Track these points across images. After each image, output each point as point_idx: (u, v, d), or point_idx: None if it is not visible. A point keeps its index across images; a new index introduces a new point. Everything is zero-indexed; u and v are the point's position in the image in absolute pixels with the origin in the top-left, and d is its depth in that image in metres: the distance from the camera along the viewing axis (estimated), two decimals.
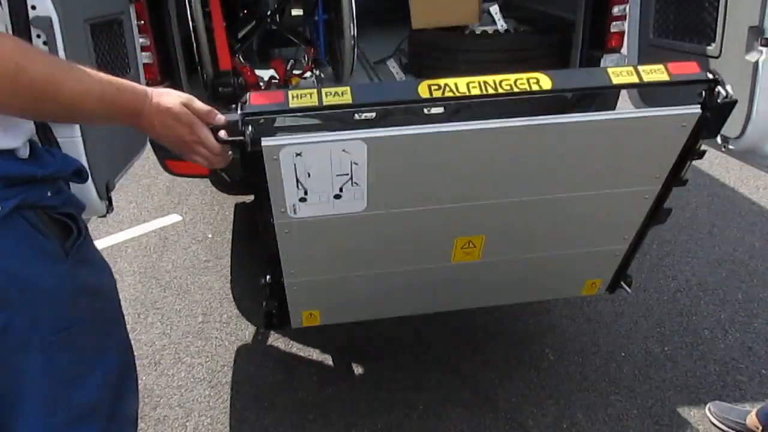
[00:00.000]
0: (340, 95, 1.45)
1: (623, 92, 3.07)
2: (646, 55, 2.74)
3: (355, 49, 3.18)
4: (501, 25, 3.31)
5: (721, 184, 4.21)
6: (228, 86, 3.01)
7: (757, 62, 2.12)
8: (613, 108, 3.21)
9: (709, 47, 2.35)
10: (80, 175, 1.30)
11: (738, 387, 2.49)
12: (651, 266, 3.30)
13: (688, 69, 1.64)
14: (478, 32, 3.30)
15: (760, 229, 3.64)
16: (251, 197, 4.01)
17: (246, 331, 2.89)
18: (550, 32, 3.36)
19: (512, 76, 1.53)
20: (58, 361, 1.24)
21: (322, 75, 3.57)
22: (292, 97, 1.42)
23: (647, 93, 2.82)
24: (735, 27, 2.21)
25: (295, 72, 3.50)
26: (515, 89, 1.53)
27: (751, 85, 2.14)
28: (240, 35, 3.61)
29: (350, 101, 1.46)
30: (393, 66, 3.50)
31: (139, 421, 1.51)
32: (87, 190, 2.01)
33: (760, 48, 2.11)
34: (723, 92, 1.63)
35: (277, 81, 3.42)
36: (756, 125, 2.20)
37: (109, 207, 1.95)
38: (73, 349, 1.27)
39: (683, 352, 2.67)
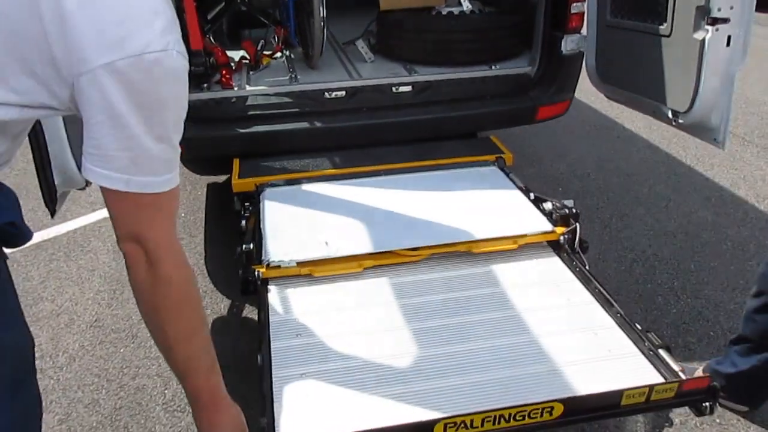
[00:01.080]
0: None
1: (583, 73, 3.21)
2: (603, 35, 2.87)
3: (325, 30, 3.25)
4: (467, 6, 3.40)
5: (679, 162, 4.39)
6: (200, 65, 3.06)
7: (703, 40, 2.26)
8: (573, 91, 3.34)
9: (661, 26, 2.49)
10: (13, 225, 1.21)
11: (688, 347, 2.66)
12: (610, 239, 3.45)
13: (700, 384, 1.62)
14: (444, 13, 3.39)
15: (713, 203, 3.82)
16: (223, 177, 4.08)
17: (222, 304, 2.97)
18: (514, 13, 3.48)
19: (528, 407, 1.52)
20: None
21: (292, 55, 3.64)
22: None
23: (604, 72, 2.96)
24: (684, 7, 2.34)
25: (266, 52, 3.56)
26: (527, 420, 1.52)
27: (698, 61, 2.28)
28: (210, 16, 3.65)
29: None
30: (362, 47, 3.58)
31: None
32: (68, 163, 2.09)
33: (707, 27, 2.25)
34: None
35: (248, 61, 3.48)
36: (703, 100, 2.34)
37: (88, 180, 2.03)
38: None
39: (638, 317, 2.79)
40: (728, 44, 2.23)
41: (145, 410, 2.40)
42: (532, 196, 2.58)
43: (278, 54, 3.64)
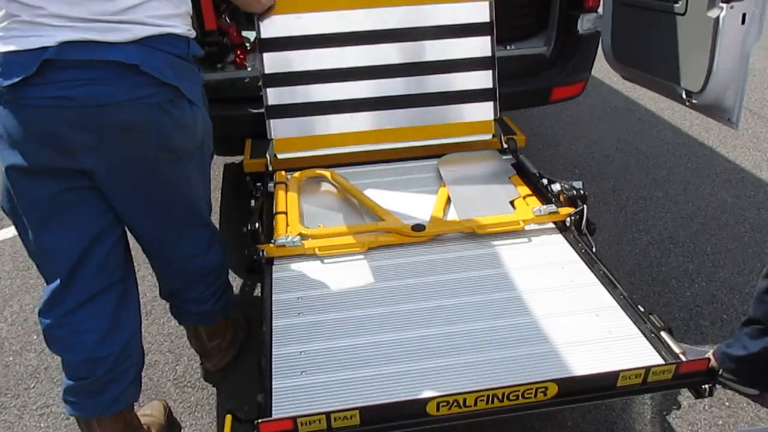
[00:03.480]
0: (348, 419, 1.47)
1: (599, 55, 3.16)
2: (618, 13, 2.82)
3: None
4: None
5: (700, 144, 4.31)
6: (213, 45, 3.08)
7: (717, 18, 2.21)
8: (588, 72, 3.29)
9: (676, 5, 2.44)
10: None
11: (700, 330, 2.63)
12: (626, 221, 3.41)
13: (698, 366, 1.58)
14: None
15: (733, 186, 3.75)
16: (240, 158, 4.10)
17: (233, 283, 3.00)
18: None
19: (522, 387, 1.51)
20: (207, 173, 2.03)
21: None
22: (301, 424, 1.45)
23: (619, 52, 2.91)
24: None
25: None
26: (521, 400, 1.52)
27: (712, 40, 2.23)
28: None
29: (357, 422, 1.48)
30: None
31: None
32: None
33: (721, 4, 2.20)
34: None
35: None
36: (716, 80, 2.30)
37: None
38: (207, 168, 2.04)
39: (651, 300, 2.80)
40: (743, 22, 2.18)
41: (156, 385, 2.45)
42: (544, 181, 2.55)
43: None
